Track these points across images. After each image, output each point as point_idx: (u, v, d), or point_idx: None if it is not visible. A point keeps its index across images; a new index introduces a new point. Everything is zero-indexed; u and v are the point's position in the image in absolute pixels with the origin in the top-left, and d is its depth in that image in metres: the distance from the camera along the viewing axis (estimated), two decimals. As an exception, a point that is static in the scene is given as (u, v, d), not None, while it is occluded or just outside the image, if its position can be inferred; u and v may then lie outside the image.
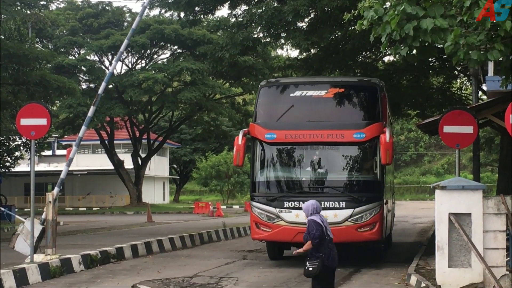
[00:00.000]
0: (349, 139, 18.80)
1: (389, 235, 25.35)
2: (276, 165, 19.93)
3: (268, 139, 19.39)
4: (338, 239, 16.65)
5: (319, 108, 19.55)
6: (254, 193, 20.00)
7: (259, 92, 20.80)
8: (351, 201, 18.72)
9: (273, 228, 19.05)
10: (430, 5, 12.65)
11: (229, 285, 17.58)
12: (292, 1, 25.03)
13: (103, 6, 62.20)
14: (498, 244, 15.16)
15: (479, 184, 16.36)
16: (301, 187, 19.69)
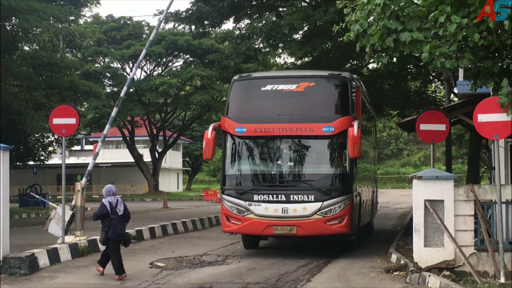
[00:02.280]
0: (318, 132, 17.16)
1: (369, 222, 24.56)
2: (246, 159, 18.29)
3: (238, 132, 17.81)
4: (307, 232, 16.95)
5: (289, 101, 17.86)
6: (225, 186, 18.31)
7: (231, 87, 19.22)
8: (319, 195, 17.09)
9: (243, 221, 17.58)
10: (408, 19, 12.66)
11: (234, 262, 17.63)
12: (288, 16, 25.04)
13: (124, 20, 62.26)
14: (467, 227, 15.15)
15: (451, 175, 16.34)
16: (270, 181, 17.93)
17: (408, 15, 12.69)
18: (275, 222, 17.01)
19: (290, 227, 16.93)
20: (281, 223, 16.99)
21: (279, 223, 17.01)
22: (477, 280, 13.77)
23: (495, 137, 14.25)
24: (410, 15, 12.69)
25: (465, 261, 14.72)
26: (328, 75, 19.07)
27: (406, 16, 12.69)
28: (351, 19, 13.23)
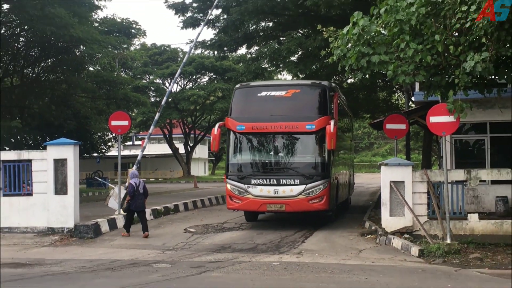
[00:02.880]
0: (302, 129, 16.67)
1: (347, 199, 23.89)
2: (245, 150, 17.58)
3: (239, 129, 17.30)
4: (294, 209, 16.55)
5: (280, 105, 17.23)
6: (228, 172, 17.73)
7: (234, 93, 18.62)
8: (303, 179, 16.60)
9: (243, 200, 17.03)
10: (377, 46, 12.69)
11: (247, 228, 17.82)
12: (286, 43, 25.04)
13: (164, 47, 62.38)
14: (422, 201, 15.15)
15: (409, 162, 16.33)
16: (264, 168, 17.27)
17: (377, 42, 12.74)
18: (268, 201, 16.69)
19: (280, 205, 16.65)
20: (273, 201, 16.67)
21: (271, 202, 16.70)
22: (430, 241, 13.79)
23: (443, 134, 14.25)
24: (378, 42, 12.73)
25: (420, 227, 14.74)
26: (310, 83, 18.66)
27: (376, 43, 12.73)
28: (334, 46, 13.23)
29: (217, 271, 11.77)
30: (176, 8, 28.33)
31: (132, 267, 12.36)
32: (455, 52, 12.15)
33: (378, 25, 12.89)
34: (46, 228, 16.99)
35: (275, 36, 28.70)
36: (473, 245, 13.86)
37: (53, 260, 13.32)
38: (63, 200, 16.94)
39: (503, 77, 13.25)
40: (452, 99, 12.92)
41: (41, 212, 17.07)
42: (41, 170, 17.12)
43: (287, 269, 11.93)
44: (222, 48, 29.19)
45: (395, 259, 12.93)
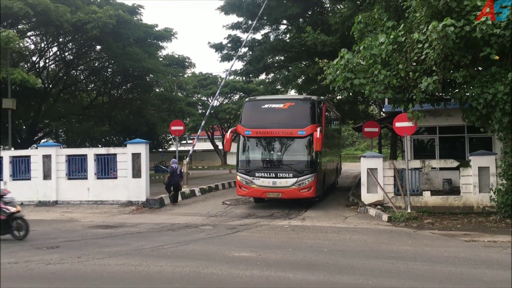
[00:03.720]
0: (295, 134, 15.56)
1: (334, 182, 22.57)
2: (251, 150, 16.21)
3: (246, 134, 16.12)
4: (288, 196, 15.50)
5: (278, 115, 16.04)
6: (238, 167, 16.35)
7: (244, 105, 17.31)
8: (296, 173, 15.39)
9: (249, 189, 15.82)
10: (358, 72, 12.61)
11: (266, 203, 17.57)
12: (293, 70, 24.95)
13: (208, 75, 62.35)
14: (390, 182, 15.00)
15: (381, 155, 16.21)
16: (265, 164, 15.90)
17: (358, 70, 12.66)
18: (268, 190, 15.58)
19: (277, 193, 15.54)
20: (272, 190, 15.56)
21: (271, 190, 15.58)
22: (395, 211, 13.66)
23: (405, 134, 14.14)
24: (358, 70, 12.65)
25: (389, 201, 14.61)
26: (303, 98, 17.24)
27: (357, 70, 12.66)
28: (327, 72, 13.18)
29: (245, 231, 11.78)
30: (216, 47, 28.32)
31: (186, 228, 12.42)
32: (413, 77, 12.09)
33: (358, 58, 12.83)
34: (127, 201, 17.12)
35: (285, 66, 28.59)
36: (427, 214, 13.72)
37: (131, 223, 13.43)
38: (138, 182, 17.06)
39: (448, 94, 13.21)
40: (411, 110, 12.87)
41: (123, 190, 17.21)
42: (123, 161, 17.26)
43: (294, 230, 11.91)
44: (248, 75, 29.16)
45: (370, 223, 12.84)
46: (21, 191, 17.88)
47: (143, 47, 30.99)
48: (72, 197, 17.63)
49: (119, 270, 7.99)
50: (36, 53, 31.89)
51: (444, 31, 10.64)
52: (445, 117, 17.34)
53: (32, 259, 8.91)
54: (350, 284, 7.00)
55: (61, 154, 17.96)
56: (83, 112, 33.89)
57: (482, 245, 9.99)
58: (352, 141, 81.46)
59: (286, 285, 6.99)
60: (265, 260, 8.60)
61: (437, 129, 19.12)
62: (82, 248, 9.94)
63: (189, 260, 8.65)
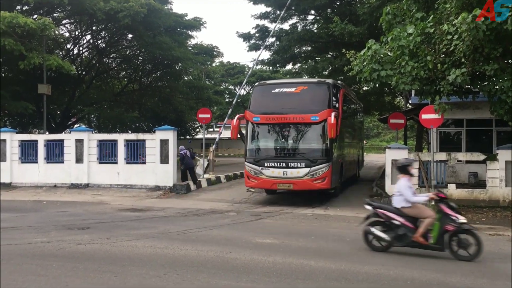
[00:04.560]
0: (308, 120, 14.12)
1: (354, 174, 20.99)
2: (260, 138, 14.92)
3: (255, 120, 14.73)
4: (300, 188, 14.11)
5: (290, 99, 14.61)
6: (246, 156, 15.02)
7: (253, 90, 15.89)
8: (308, 163, 13.99)
9: (258, 180, 14.42)
10: (385, 63, 12.39)
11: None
12: (320, 62, 24.73)
13: (235, 64, 62.35)
14: (415, 174, 14.80)
15: (406, 146, 15.98)
16: (275, 153, 14.56)
17: (385, 61, 12.42)
18: (279, 181, 14.14)
19: (288, 184, 14.13)
20: (283, 181, 14.11)
21: (281, 181, 14.13)
22: (419, 203, 13.47)
23: (431, 127, 13.89)
24: (386, 61, 12.41)
25: (413, 192, 14.41)
26: (316, 81, 15.78)
27: (384, 62, 12.42)
28: (354, 64, 12.97)
29: (268, 218, 11.82)
30: (244, 37, 28.23)
31: (211, 214, 12.53)
32: (441, 68, 11.82)
33: (386, 49, 12.61)
34: (154, 186, 17.36)
35: (312, 56, 28.34)
36: (451, 206, 13.48)
37: (159, 208, 13.63)
38: (165, 167, 17.26)
39: (477, 86, 12.90)
40: (438, 102, 12.63)
41: (151, 175, 17.45)
42: (151, 147, 17.47)
43: (317, 219, 11.88)
44: (275, 65, 29.02)
45: (394, 214, 12.69)
46: (55, 174, 18.37)
47: (173, 36, 31.17)
48: (103, 180, 17.98)
49: (146, 252, 8.14)
50: (70, 40, 32.46)
51: (474, 22, 10.32)
52: (472, 110, 16.97)
53: (63, 239, 9.15)
54: (371, 274, 6.96)
55: (93, 139, 18.30)
56: (114, 98, 34.39)
57: (507, 239, 9.77)
58: (378, 132, 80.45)
59: (308, 272, 6.99)
60: (287, 247, 8.62)
61: (464, 121, 18.74)
62: (111, 230, 10.14)
63: (214, 244, 8.74)
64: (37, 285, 6.29)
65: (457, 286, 6.51)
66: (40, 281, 6.47)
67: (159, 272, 6.89)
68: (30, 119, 31.74)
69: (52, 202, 14.92)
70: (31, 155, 18.87)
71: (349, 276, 6.86)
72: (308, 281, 6.58)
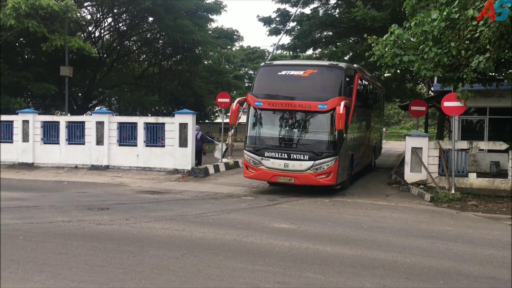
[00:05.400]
0: (314, 108, 12.77)
1: (370, 164, 19.59)
2: (261, 125, 13.65)
3: (257, 105, 13.43)
4: (301, 182, 12.98)
5: (297, 84, 13.30)
6: (246, 144, 13.79)
7: (257, 71, 14.38)
8: (312, 155, 12.76)
9: (257, 171, 13.31)
10: (407, 49, 12.18)
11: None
12: (341, 47, 24.40)
13: (256, 48, 62.06)
14: (434, 162, 14.63)
15: (426, 134, 15.75)
16: (277, 142, 13.28)
17: (407, 47, 12.22)
18: (279, 173, 12.99)
19: (289, 178, 12.96)
20: (283, 174, 12.97)
21: (281, 174, 12.98)
22: (439, 191, 13.36)
23: (453, 114, 13.65)
24: (408, 47, 12.21)
25: (432, 181, 14.29)
26: (328, 64, 14.32)
27: (406, 47, 12.22)
28: (375, 49, 12.77)
29: (285, 204, 11.84)
30: (264, 21, 27.99)
31: (229, 198, 12.60)
32: (465, 55, 11.59)
33: (409, 34, 12.39)
34: (173, 169, 17.51)
35: (333, 42, 28.00)
36: (471, 196, 13.30)
37: (177, 191, 13.76)
38: (184, 151, 17.37)
39: (501, 74, 12.62)
40: (460, 89, 12.42)
41: (170, 158, 17.59)
42: (170, 130, 17.58)
43: (335, 205, 11.85)
44: (295, 49, 28.74)
45: (412, 202, 12.60)
46: (76, 155, 18.67)
47: (193, 20, 31.14)
48: (122, 162, 18.20)
49: (163, 234, 8.24)
50: (92, 23, 32.68)
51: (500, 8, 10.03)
52: (496, 98, 16.60)
53: (84, 219, 9.32)
54: (387, 261, 6.93)
55: (113, 121, 18.49)
56: (134, 81, 34.65)
57: (528, 230, 9.62)
58: (398, 120, 79.54)
59: (324, 258, 7.00)
60: (304, 233, 8.64)
61: (488, 110, 18.39)
62: (130, 211, 10.29)
63: (230, 228, 8.80)
64: (57, 263, 6.44)
65: (474, 275, 6.45)
66: (61, 259, 6.62)
67: (176, 254, 6.98)
68: (53, 101, 32.23)
69: (73, 183, 15.19)
70: (53, 136, 19.19)
71: (365, 262, 6.85)
72: (324, 266, 6.60)
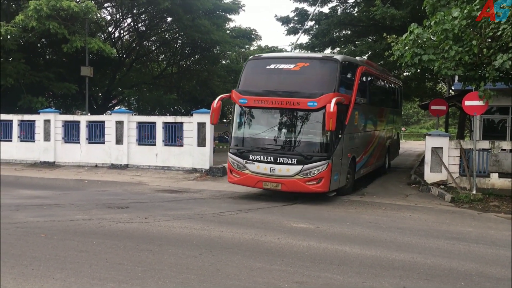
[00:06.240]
0: (304, 106, 11.38)
1: (383, 165, 18.03)
2: (246, 124, 12.40)
3: (241, 103, 12.14)
4: (289, 189, 11.68)
5: (286, 79, 11.94)
6: (231, 145, 12.49)
7: (245, 65, 13.04)
8: (301, 159, 11.39)
9: (241, 175, 12.06)
10: (427, 48, 12.03)
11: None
12: (360, 46, 24.25)
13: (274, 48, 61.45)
14: (455, 162, 14.41)
15: (447, 133, 15.53)
16: (263, 144, 11.91)
17: (427, 45, 12.07)
18: (264, 179, 11.70)
19: (276, 184, 11.63)
20: (269, 179, 11.65)
21: (267, 180, 11.68)
22: (459, 191, 13.16)
23: (474, 114, 13.43)
24: (428, 46, 12.05)
25: (453, 181, 14.08)
26: (321, 57, 12.83)
27: (426, 46, 12.07)
28: (395, 49, 12.64)
29: (303, 203, 11.79)
30: (282, 20, 27.92)
31: (246, 197, 12.61)
32: (487, 53, 11.42)
33: (429, 33, 12.24)
34: (191, 168, 17.59)
35: (352, 41, 27.81)
36: (493, 196, 13.07)
37: (195, 190, 13.83)
38: (202, 150, 17.43)
39: (525, 72, 12.37)
40: (483, 88, 12.23)
41: (188, 157, 17.68)
42: (189, 130, 17.67)
43: (353, 205, 11.77)
44: (313, 49, 28.59)
45: (432, 202, 12.44)
46: (96, 154, 18.90)
47: (212, 19, 31.24)
48: (141, 161, 18.37)
49: (182, 233, 8.29)
50: (112, 24, 33.07)
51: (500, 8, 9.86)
52: (519, 97, 16.33)
53: (104, 217, 9.44)
54: (407, 262, 6.86)
55: (132, 120, 18.67)
56: (153, 81, 34.93)
57: (552, 232, 9.42)
58: (417, 119, 78.61)
59: (342, 258, 6.96)
60: (322, 232, 8.60)
61: (510, 109, 18.08)
62: (149, 210, 10.38)
63: (248, 227, 8.81)
64: (78, 261, 6.53)
65: (497, 277, 6.34)
66: (81, 257, 6.71)
67: (195, 253, 7.01)
68: (73, 101, 32.72)
69: (93, 181, 15.39)
70: (73, 136, 19.47)
71: (384, 263, 6.79)
72: (342, 266, 6.56)
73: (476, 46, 11.34)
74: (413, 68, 12.96)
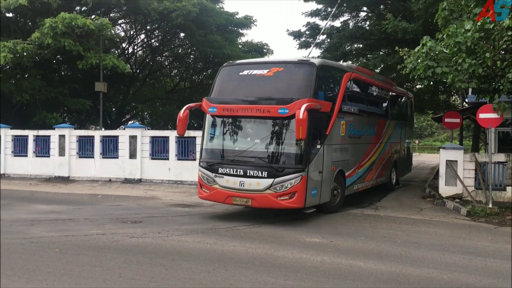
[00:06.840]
0: (274, 114, 10.42)
1: (388, 182, 16.87)
2: (215, 135, 11.61)
3: (210, 112, 11.33)
4: (260, 205, 10.68)
5: (258, 85, 11.15)
6: (201, 158, 11.70)
7: (218, 72, 12.25)
8: (272, 172, 10.39)
9: (211, 190, 11.15)
10: (440, 60, 12.00)
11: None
12: (372, 59, 24.26)
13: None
14: (470, 175, 14.25)
15: (461, 146, 15.39)
16: (232, 156, 11.02)
17: (440, 58, 12.03)
18: (234, 194, 10.77)
19: (246, 199, 10.70)
20: (239, 195, 10.72)
21: (237, 195, 10.74)
22: (475, 205, 12.98)
23: (489, 126, 13.31)
24: (441, 58, 12.02)
25: (468, 194, 13.91)
26: (296, 61, 11.57)
27: (439, 58, 12.03)
28: (407, 62, 12.63)
29: (317, 218, 11.71)
30: (294, 35, 28.06)
31: (258, 211, 12.52)
32: (501, 66, 11.34)
33: (441, 46, 12.21)
34: (204, 182, 17.58)
35: (364, 54, 27.85)
36: (510, 210, 12.86)
37: (208, 204, 13.80)
38: (215, 164, 17.43)
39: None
40: (497, 100, 12.13)
41: (201, 172, 17.69)
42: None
43: (367, 219, 11.67)
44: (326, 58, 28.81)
45: (447, 216, 12.28)
46: (110, 169, 19.04)
47: (224, 34, 31.53)
48: (154, 176, 18.45)
49: (195, 247, 8.28)
50: (125, 40, 33.54)
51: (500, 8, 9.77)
52: (535, 109, 16.12)
53: (117, 232, 9.47)
54: (423, 277, 6.76)
55: (146, 135, 18.81)
56: (166, 96, 35.23)
57: None
58: (431, 132, 78.04)
59: (357, 273, 6.88)
60: (336, 247, 8.53)
61: (525, 121, 17.88)
62: (163, 225, 10.39)
63: (262, 242, 8.77)
64: (92, 276, 6.54)
65: (515, 293, 6.22)
66: (95, 272, 6.73)
67: (208, 268, 6.99)
68: (87, 116, 33.10)
69: (107, 196, 15.48)
70: (88, 150, 19.66)
71: (399, 278, 6.70)
72: (357, 281, 6.48)
73: (490, 58, 11.27)
74: (426, 81, 12.92)
